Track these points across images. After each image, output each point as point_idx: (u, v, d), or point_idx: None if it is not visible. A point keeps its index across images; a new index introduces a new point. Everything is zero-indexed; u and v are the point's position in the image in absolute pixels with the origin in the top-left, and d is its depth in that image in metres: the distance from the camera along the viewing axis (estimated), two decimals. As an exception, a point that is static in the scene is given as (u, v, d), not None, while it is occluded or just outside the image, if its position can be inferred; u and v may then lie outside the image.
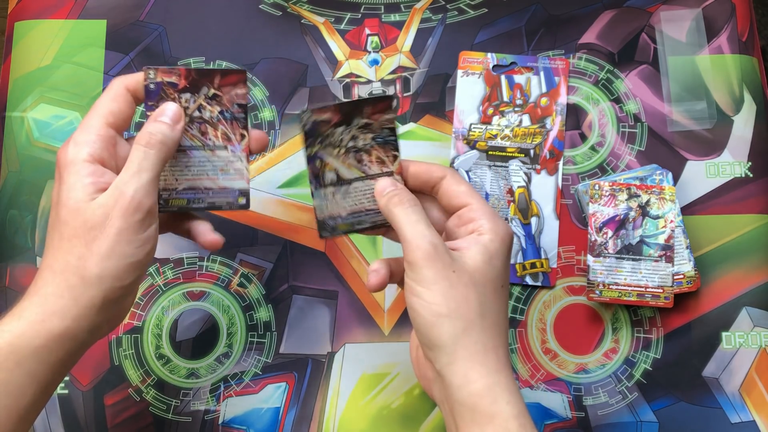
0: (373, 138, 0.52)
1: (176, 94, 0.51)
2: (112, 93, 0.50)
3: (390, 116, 0.52)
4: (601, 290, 0.62)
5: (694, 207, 0.65)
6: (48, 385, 0.46)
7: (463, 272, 0.46)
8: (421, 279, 0.46)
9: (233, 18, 0.69)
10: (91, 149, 0.47)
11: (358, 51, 0.69)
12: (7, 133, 0.67)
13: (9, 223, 0.65)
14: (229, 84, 0.51)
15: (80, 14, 0.69)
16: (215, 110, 0.51)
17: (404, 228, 0.47)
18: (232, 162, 0.52)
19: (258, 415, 0.62)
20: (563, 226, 0.65)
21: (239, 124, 0.51)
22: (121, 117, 0.49)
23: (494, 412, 0.44)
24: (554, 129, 0.66)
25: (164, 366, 0.63)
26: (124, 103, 0.50)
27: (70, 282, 0.45)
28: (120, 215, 0.45)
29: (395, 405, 0.62)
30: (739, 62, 0.68)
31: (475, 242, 0.48)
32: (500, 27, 0.69)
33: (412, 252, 0.46)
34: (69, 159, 0.47)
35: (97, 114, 0.49)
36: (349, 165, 0.52)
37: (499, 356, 0.46)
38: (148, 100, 0.50)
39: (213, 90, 0.51)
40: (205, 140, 0.51)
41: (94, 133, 0.48)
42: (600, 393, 0.62)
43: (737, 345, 0.63)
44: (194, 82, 0.51)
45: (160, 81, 0.50)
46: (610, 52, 0.69)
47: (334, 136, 0.52)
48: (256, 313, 0.64)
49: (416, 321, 0.46)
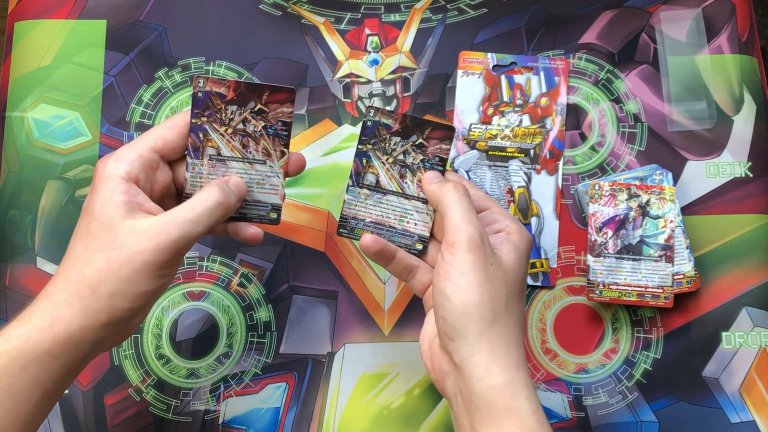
0: (423, 161, 0.52)
1: (223, 105, 0.51)
2: (170, 122, 0.50)
3: (447, 146, 0.52)
4: (601, 290, 0.62)
5: (694, 207, 0.65)
6: (52, 393, 0.46)
7: (499, 267, 0.47)
8: (460, 263, 0.46)
9: (233, 18, 0.69)
10: (129, 167, 0.47)
11: (358, 51, 0.69)
12: (7, 133, 0.67)
13: (9, 223, 0.65)
14: (277, 101, 0.51)
15: (80, 14, 0.69)
16: (259, 125, 0.51)
17: (454, 210, 0.48)
18: (269, 177, 0.52)
19: (258, 415, 0.62)
20: (563, 226, 0.65)
21: (281, 141, 0.52)
22: (170, 146, 0.50)
23: (513, 406, 0.44)
24: (554, 129, 0.66)
25: (164, 366, 0.63)
26: (179, 135, 0.50)
27: (82, 293, 0.45)
28: (154, 249, 0.45)
29: (395, 405, 0.62)
30: (739, 62, 0.68)
31: (507, 241, 0.49)
32: (500, 27, 0.69)
33: (457, 235, 0.47)
34: (106, 172, 0.47)
35: (147, 136, 0.49)
36: (391, 177, 0.53)
37: (519, 353, 0.47)
38: (194, 107, 0.51)
39: (260, 105, 0.51)
40: (245, 153, 0.52)
41: (137, 152, 0.48)
42: (600, 393, 0.62)
43: (737, 345, 0.63)
44: (242, 96, 0.51)
45: (208, 90, 0.50)
46: (610, 52, 0.69)
47: (389, 143, 0.52)
48: (256, 313, 0.64)
49: (444, 307, 0.46)
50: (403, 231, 0.53)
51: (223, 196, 0.48)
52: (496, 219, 0.51)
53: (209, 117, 0.51)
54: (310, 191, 0.66)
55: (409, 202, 0.53)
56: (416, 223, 0.53)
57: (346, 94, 0.68)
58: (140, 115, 0.67)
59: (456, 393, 0.47)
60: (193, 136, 0.51)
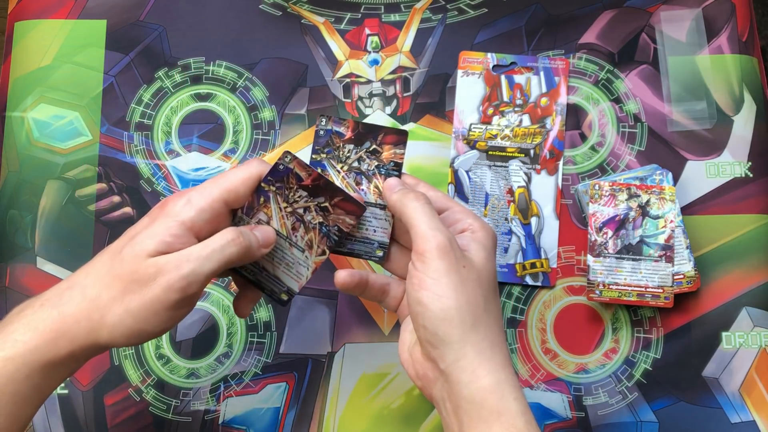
0: (378, 167, 0.52)
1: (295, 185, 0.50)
2: (245, 175, 0.49)
3: (401, 151, 0.52)
4: (601, 290, 0.62)
5: (694, 207, 0.65)
6: (47, 396, 0.48)
7: (472, 269, 0.47)
8: (433, 271, 0.46)
9: (233, 18, 0.69)
10: (195, 215, 0.47)
11: (358, 51, 0.69)
12: (7, 133, 0.67)
13: (9, 223, 0.65)
14: (344, 209, 0.51)
15: (80, 14, 0.69)
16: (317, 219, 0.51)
17: (419, 221, 0.47)
18: (300, 265, 0.52)
19: (258, 415, 0.62)
20: (563, 226, 0.65)
21: (329, 241, 0.52)
22: (239, 199, 0.49)
23: (502, 408, 0.44)
24: (554, 129, 0.66)
25: (164, 366, 0.63)
26: (249, 189, 0.49)
27: (92, 315, 0.45)
28: (163, 286, 0.45)
29: (395, 405, 0.62)
30: (739, 62, 0.68)
31: (473, 240, 0.49)
32: (500, 27, 0.69)
33: (426, 243, 0.46)
34: (173, 212, 0.47)
35: (221, 186, 0.48)
36: (348, 185, 0.52)
37: (504, 353, 0.47)
38: (270, 174, 0.50)
39: (327, 203, 0.51)
40: (291, 234, 0.51)
41: (208, 203, 0.47)
42: (600, 393, 0.62)
43: (737, 345, 0.63)
44: (316, 189, 0.50)
45: (290, 168, 0.50)
46: (610, 52, 0.69)
47: (342, 151, 0.52)
48: (256, 313, 0.64)
49: (424, 316, 0.46)
50: (363, 239, 0.53)
51: (239, 236, 0.47)
52: (458, 218, 0.50)
53: (278, 189, 0.50)
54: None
55: (368, 209, 0.52)
56: (375, 229, 0.53)
57: (346, 94, 0.68)
58: (140, 115, 0.67)
59: (444, 398, 0.47)
60: (254, 197, 0.50)
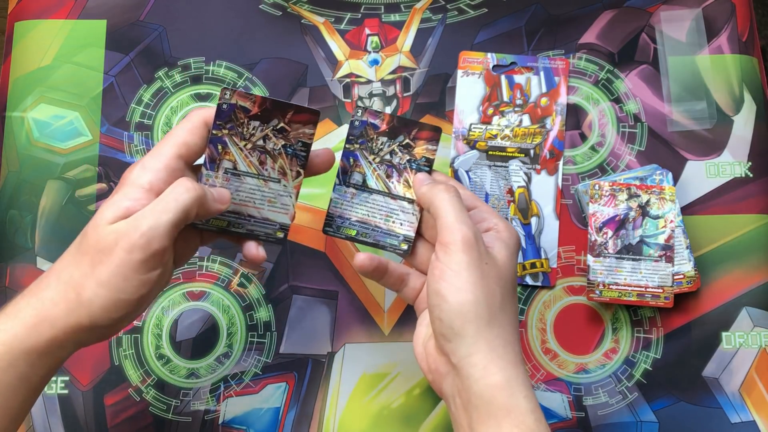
0: (409, 161, 0.53)
1: (246, 119, 0.51)
2: (189, 124, 0.49)
3: (434, 147, 0.52)
4: (601, 290, 0.62)
5: (694, 207, 0.65)
6: (36, 387, 0.46)
7: (493, 266, 0.47)
8: (455, 263, 0.46)
9: (233, 18, 0.69)
10: (153, 177, 0.47)
11: (358, 51, 0.69)
12: (7, 133, 0.67)
13: (9, 223, 0.65)
14: (300, 122, 0.51)
15: (80, 14, 0.69)
16: (279, 143, 0.51)
17: (446, 211, 0.48)
18: (282, 196, 0.52)
19: (258, 415, 0.62)
20: (563, 226, 0.65)
21: (298, 161, 0.52)
22: (193, 150, 0.49)
23: (511, 405, 0.44)
24: (554, 129, 0.66)
25: (164, 366, 0.63)
26: (199, 137, 0.49)
27: (68, 295, 0.45)
28: (125, 248, 0.44)
29: (395, 405, 0.62)
30: (739, 62, 0.68)
31: (498, 239, 0.49)
32: (500, 27, 0.69)
33: (452, 235, 0.46)
34: (130, 180, 0.47)
35: (170, 143, 0.48)
36: (378, 177, 0.53)
37: (516, 351, 0.47)
38: (217, 119, 0.50)
39: (282, 123, 0.51)
40: (261, 170, 0.51)
41: (162, 162, 0.47)
42: (600, 393, 0.62)
43: (737, 345, 0.63)
44: (266, 112, 0.51)
45: (234, 103, 0.50)
46: (610, 52, 0.69)
47: (375, 142, 0.52)
48: (256, 313, 0.64)
49: (441, 308, 0.46)
50: (388, 231, 0.53)
51: (191, 184, 0.46)
52: (485, 218, 0.51)
53: (231, 130, 0.50)
54: (310, 191, 0.66)
55: (395, 202, 0.53)
56: (402, 223, 0.53)
57: (346, 94, 0.68)
58: (140, 115, 0.67)
59: (454, 393, 0.47)
60: (212, 148, 0.50)
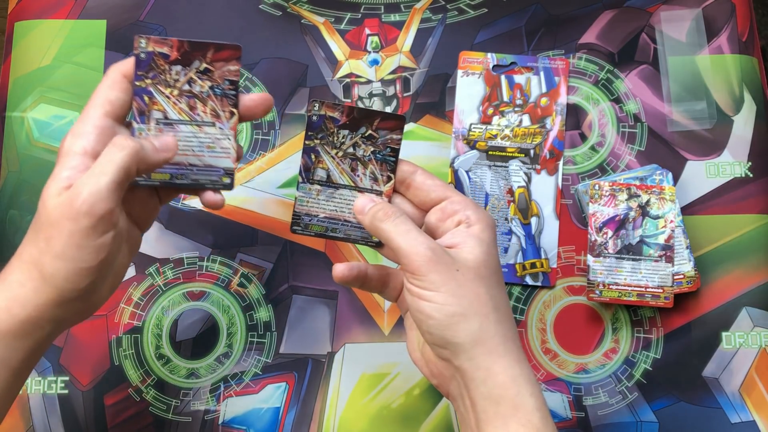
0: (374, 152, 0.51)
1: (167, 66, 0.49)
2: (109, 81, 0.48)
3: (397, 137, 0.51)
4: (601, 290, 0.62)
5: (694, 207, 0.65)
6: (19, 372, 0.46)
7: (467, 269, 0.46)
8: (429, 284, 0.45)
9: (233, 18, 0.69)
10: (85, 141, 0.46)
11: (358, 51, 0.69)
12: (7, 133, 0.67)
13: (9, 223, 0.65)
14: (222, 59, 0.49)
15: (80, 14, 0.69)
16: (206, 85, 0.49)
17: (397, 240, 0.47)
18: (220, 140, 0.50)
19: (258, 415, 0.62)
20: (563, 226, 0.65)
21: (229, 101, 0.50)
22: (119, 105, 0.48)
23: (518, 404, 0.44)
24: (554, 129, 0.66)
25: (164, 366, 0.63)
26: (122, 90, 0.48)
27: (32, 274, 0.44)
28: (70, 217, 0.43)
29: (395, 405, 0.62)
30: (739, 62, 0.68)
31: (468, 235, 0.47)
32: (500, 27, 0.69)
33: (412, 261, 0.45)
34: (65, 150, 0.46)
35: (95, 104, 0.47)
36: (342, 171, 0.52)
37: (517, 346, 0.46)
38: (137, 69, 0.49)
39: (205, 64, 0.49)
40: (193, 115, 0.50)
41: (91, 124, 0.47)
42: (600, 393, 0.62)
43: (737, 345, 0.63)
44: (186, 55, 0.49)
45: (151, 51, 0.49)
46: (610, 52, 0.69)
47: (337, 136, 0.51)
48: (256, 313, 0.64)
49: (428, 323, 0.45)
50: (359, 224, 0.52)
51: (126, 140, 0.46)
52: (456, 209, 0.49)
53: (153, 79, 0.49)
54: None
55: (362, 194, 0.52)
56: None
57: (346, 94, 0.68)
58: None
59: (462, 395, 0.46)
60: (138, 100, 0.49)
